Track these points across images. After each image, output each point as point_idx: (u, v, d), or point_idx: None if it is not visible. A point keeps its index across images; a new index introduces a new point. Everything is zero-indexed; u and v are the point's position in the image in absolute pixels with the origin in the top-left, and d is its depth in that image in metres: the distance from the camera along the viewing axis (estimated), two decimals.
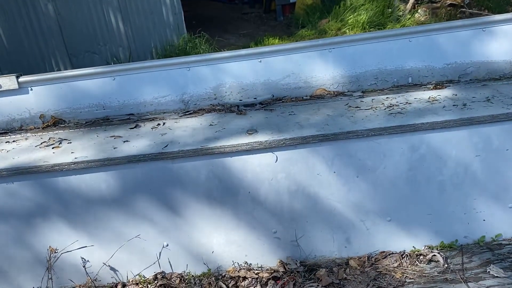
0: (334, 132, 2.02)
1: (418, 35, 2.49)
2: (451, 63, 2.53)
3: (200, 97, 2.58)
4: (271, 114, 2.35)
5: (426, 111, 2.13)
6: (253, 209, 2.11)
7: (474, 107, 2.11)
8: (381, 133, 2.02)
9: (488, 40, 2.49)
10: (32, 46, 6.56)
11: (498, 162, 2.07)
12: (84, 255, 2.16)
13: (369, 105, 2.32)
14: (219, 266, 2.20)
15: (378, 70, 2.55)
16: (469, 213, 2.14)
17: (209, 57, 2.55)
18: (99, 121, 2.57)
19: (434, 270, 2.05)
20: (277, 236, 2.16)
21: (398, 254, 2.16)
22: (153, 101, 2.58)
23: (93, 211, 2.10)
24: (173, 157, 2.03)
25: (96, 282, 2.18)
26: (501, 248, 2.12)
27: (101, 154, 2.07)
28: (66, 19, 6.52)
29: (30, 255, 2.17)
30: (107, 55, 6.78)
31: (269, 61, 2.53)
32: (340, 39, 2.53)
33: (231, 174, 2.07)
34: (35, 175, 2.04)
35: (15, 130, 2.59)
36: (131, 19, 6.71)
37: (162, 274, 2.19)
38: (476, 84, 2.46)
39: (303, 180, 2.08)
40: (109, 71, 2.55)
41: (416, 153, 2.05)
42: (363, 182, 2.09)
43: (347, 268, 2.12)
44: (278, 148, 2.03)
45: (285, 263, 2.16)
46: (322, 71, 2.55)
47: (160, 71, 2.54)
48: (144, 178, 2.06)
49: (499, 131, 2.03)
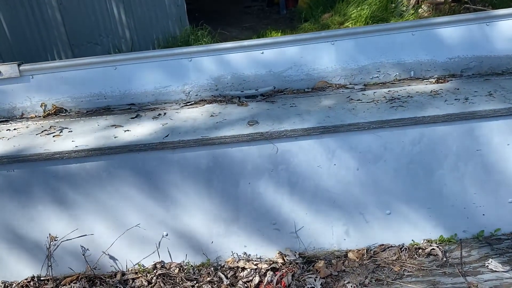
0: (335, 124, 2.02)
1: (421, 28, 2.48)
2: (454, 57, 2.52)
3: (202, 87, 2.58)
4: (273, 106, 2.34)
5: (427, 104, 2.12)
6: (253, 200, 2.12)
7: (476, 101, 2.10)
8: (382, 126, 2.02)
9: (492, 35, 2.48)
10: (34, 36, 6.54)
11: (499, 157, 2.07)
12: (83, 244, 2.17)
13: (371, 98, 2.31)
14: (218, 257, 2.21)
15: (380, 63, 2.54)
16: (468, 208, 2.14)
17: (211, 48, 2.54)
18: (100, 110, 2.57)
19: (433, 264, 2.05)
20: (277, 228, 2.17)
21: (397, 247, 2.16)
22: (155, 91, 2.58)
23: (93, 200, 2.11)
24: (173, 147, 2.03)
25: (96, 270, 2.18)
26: (500, 243, 2.13)
27: (102, 143, 2.07)
28: (68, 9, 6.50)
29: (30, 243, 2.18)
30: (109, 46, 6.76)
31: (271, 52, 2.52)
32: (343, 32, 2.52)
33: (231, 164, 2.07)
34: (35, 162, 2.04)
35: (16, 118, 2.59)
36: (133, 11, 6.68)
37: (161, 264, 2.20)
38: (478, 79, 2.45)
39: (303, 171, 2.08)
40: (111, 60, 2.54)
41: (417, 146, 2.05)
42: (363, 175, 2.09)
43: (346, 260, 2.13)
44: (279, 139, 2.03)
45: (284, 255, 2.17)
46: (324, 64, 2.55)
47: (161, 61, 2.54)
48: (145, 168, 2.06)
49: (501, 126, 2.03)
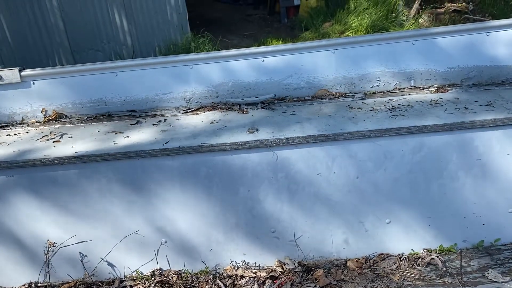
0: (335, 132, 2.02)
1: (421, 38, 2.49)
2: (454, 67, 2.53)
3: (202, 95, 2.58)
4: (273, 113, 2.35)
5: (427, 113, 2.13)
6: (252, 207, 2.11)
7: (476, 111, 2.10)
8: (382, 135, 2.02)
9: (492, 45, 2.49)
10: (36, 42, 6.57)
11: (499, 167, 2.07)
12: (82, 250, 2.16)
13: (371, 106, 2.31)
14: (217, 264, 2.19)
15: (380, 72, 2.55)
16: (468, 217, 2.13)
17: (212, 55, 2.55)
18: (100, 116, 2.57)
19: (433, 274, 2.04)
20: (276, 236, 2.16)
21: (397, 256, 2.15)
22: (155, 98, 2.58)
23: (92, 206, 2.10)
24: (173, 154, 2.03)
25: (94, 277, 2.17)
26: (500, 253, 2.12)
27: (102, 149, 2.07)
28: (70, 15, 6.53)
29: (28, 249, 2.17)
30: (111, 53, 6.78)
31: (272, 60, 2.53)
32: (343, 40, 2.53)
33: (231, 172, 2.07)
34: (35, 168, 2.04)
35: (16, 123, 2.59)
36: (135, 18, 6.71)
37: (159, 271, 2.19)
38: (478, 89, 2.45)
39: (303, 179, 2.08)
40: (112, 67, 2.55)
41: (417, 155, 2.05)
42: (363, 183, 2.08)
43: (345, 269, 2.12)
44: (279, 147, 2.03)
45: (283, 263, 2.15)
46: (325, 72, 2.55)
47: (163, 68, 2.54)
48: (144, 174, 2.06)
49: (501, 136, 2.03)
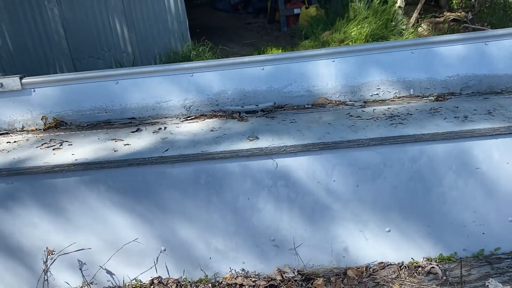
0: (335, 140, 2.02)
1: (420, 47, 2.50)
2: (453, 75, 2.54)
3: (202, 102, 2.59)
4: (272, 121, 2.35)
5: (427, 122, 2.13)
6: (251, 215, 2.11)
7: (475, 119, 2.11)
8: (382, 143, 2.02)
9: (491, 54, 2.50)
10: (37, 49, 6.59)
11: (498, 175, 2.07)
12: (80, 258, 2.15)
13: (371, 115, 2.32)
14: (216, 273, 2.19)
15: (380, 80, 2.56)
16: (468, 226, 2.13)
17: (212, 64, 2.56)
18: (100, 124, 2.58)
19: (433, 283, 2.03)
20: (275, 244, 2.15)
21: (397, 265, 2.15)
22: (155, 106, 2.59)
23: (92, 214, 2.10)
24: (173, 161, 2.03)
25: (92, 285, 2.16)
26: (500, 262, 2.11)
27: (102, 156, 2.07)
28: (71, 23, 6.56)
29: (27, 256, 2.16)
30: (111, 60, 6.80)
31: (272, 69, 2.54)
32: (343, 49, 2.54)
33: (230, 179, 2.07)
34: (35, 175, 2.04)
35: (16, 130, 2.60)
36: (136, 26, 6.75)
37: (158, 279, 2.18)
38: (477, 97, 2.46)
39: (302, 187, 2.07)
40: (112, 74, 2.56)
41: (417, 164, 2.05)
42: (363, 192, 2.08)
43: (345, 278, 2.11)
44: (279, 155, 2.03)
45: (282, 272, 2.15)
46: (325, 80, 2.56)
47: (163, 76, 2.55)
48: (144, 182, 2.06)
49: (500, 144, 2.03)
